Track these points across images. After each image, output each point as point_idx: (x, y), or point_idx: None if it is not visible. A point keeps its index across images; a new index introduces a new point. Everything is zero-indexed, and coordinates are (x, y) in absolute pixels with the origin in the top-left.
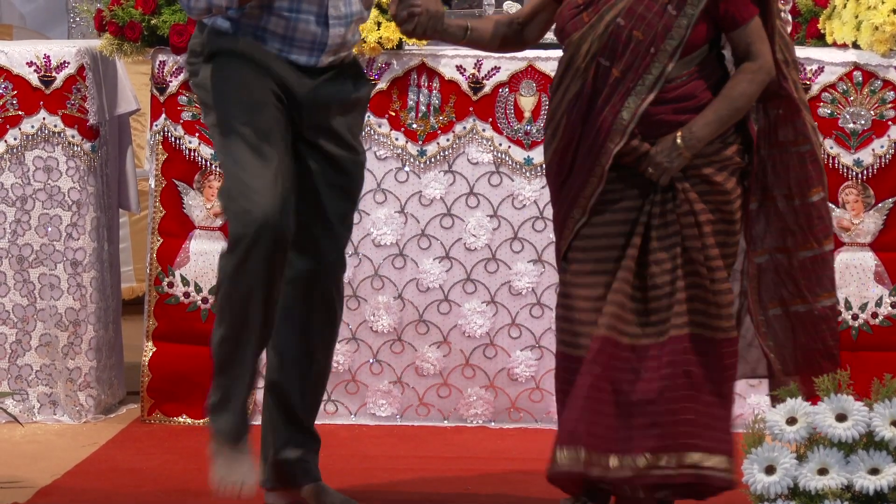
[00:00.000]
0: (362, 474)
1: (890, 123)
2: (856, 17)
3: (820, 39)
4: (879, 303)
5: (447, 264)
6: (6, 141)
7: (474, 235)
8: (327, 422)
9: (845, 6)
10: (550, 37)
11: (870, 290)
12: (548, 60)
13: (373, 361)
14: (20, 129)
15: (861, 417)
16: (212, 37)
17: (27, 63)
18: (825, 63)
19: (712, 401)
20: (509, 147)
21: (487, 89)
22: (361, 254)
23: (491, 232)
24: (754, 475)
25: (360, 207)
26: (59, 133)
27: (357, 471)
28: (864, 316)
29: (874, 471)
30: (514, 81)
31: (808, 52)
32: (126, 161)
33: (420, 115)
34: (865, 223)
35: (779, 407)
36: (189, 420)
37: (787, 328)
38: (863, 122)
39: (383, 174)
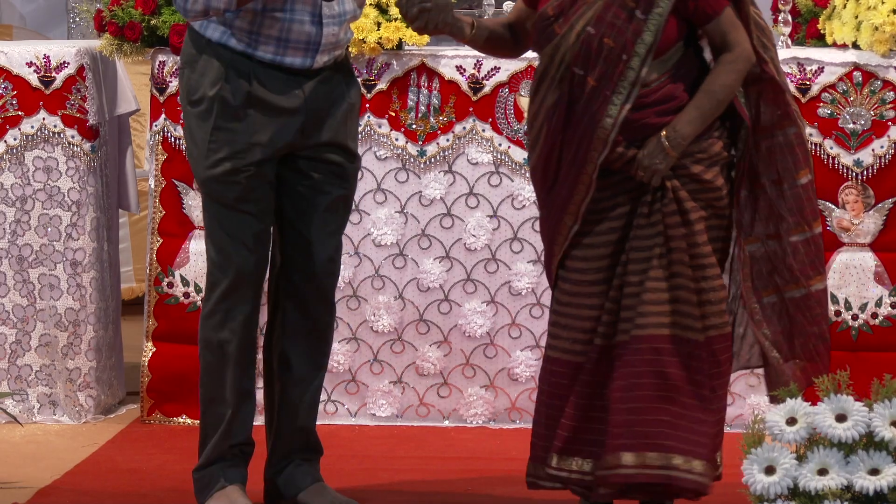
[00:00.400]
0: (362, 474)
1: (890, 124)
2: (856, 18)
3: (820, 40)
4: (879, 303)
5: (447, 264)
6: (6, 141)
7: (474, 235)
8: (327, 422)
9: (845, 6)
10: None
11: (869, 291)
12: None
13: (373, 361)
14: (20, 130)
15: (861, 418)
16: (196, 64)
17: (27, 63)
18: (825, 63)
19: (692, 403)
20: (509, 147)
21: (487, 89)
22: (362, 254)
23: (491, 232)
24: (754, 475)
25: (361, 207)
26: (59, 133)
27: (357, 471)
28: (864, 316)
29: (874, 471)
30: (514, 82)
31: (808, 53)
32: (126, 161)
33: (420, 116)
34: (865, 223)
35: (779, 407)
36: (189, 420)
37: (784, 314)
38: (863, 123)
39: (383, 174)
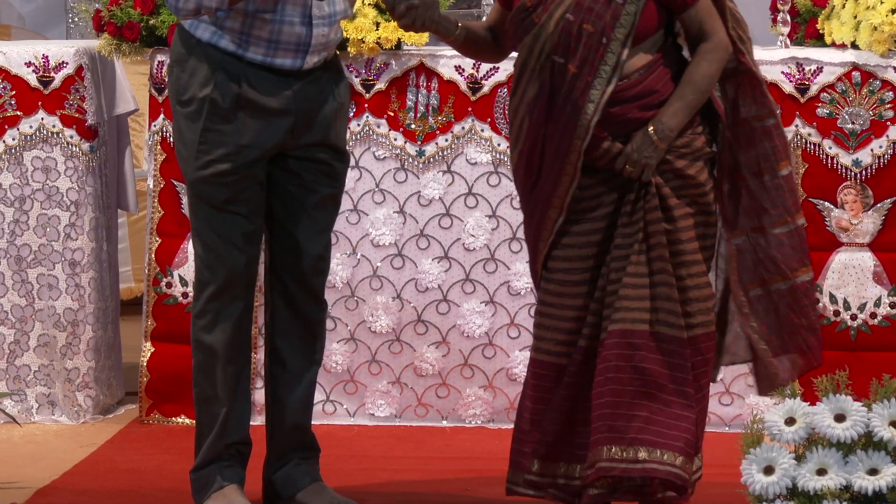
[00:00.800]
0: (361, 474)
1: (888, 124)
2: (854, 18)
3: (818, 40)
4: (878, 303)
5: (446, 264)
6: (4, 141)
7: (473, 235)
8: (326, 422)
9: (844, 6)
10: None
11: (868, 291)
12: None
13: (371, 362)
14: (18, 130)
15: (860, 418)
16: (186, 64)
17: (26, 63)
18: (824, 63)
19: (673, 400)
20: (508, 147)
21: (486, 89)
22: (360, 254)
23: (490, 232)
24: (753, 475)
25: (359, 207)
26: (58, 133)
27: (355, 471)
28: (863, 316)
29: (873, 471)
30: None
31: (807, 53)
32: (124, 161)
33: (419, 116)
34: (864, 223)
35: (777, 407)
36: (188, 420)
37: (770, 307)
38: (861, 123)
39: (382, 174)
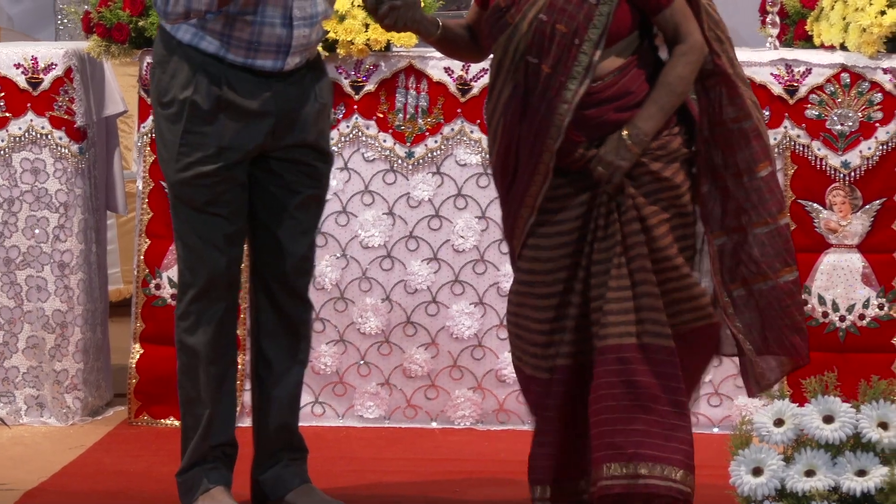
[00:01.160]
0: (350, 476)
1: (877, 125)
2: (843, 19)
3: (807, 41)
4: (867, 304)
5: (435, 266)
6: None
7: (462, 237)
8: (315, 424)
9: (833, 8)
10: None
11: (857, 292)
12: None
13: (360, 363)
14: (7, 131)
15: (848, 419)
16: (168, 65)
17: (14, 65)
18: (813, 65)
19: (667, 411)
20: None
21: (475, 91)
22: (349, 255)
23: (479, 233)
24: (742, 477)
25: (348, 209)
26: (47, 135)
27: (344, 473)
28: (852, 317)
29: (861, 472)
30: None
31: (796, 54)
32: (114, 163)
33: (408, 117)
34: (853, 225)
35: (766, 408)
36: (176, 422)
37: (753, 307)
38: (850, 124)
39: (371, 176)
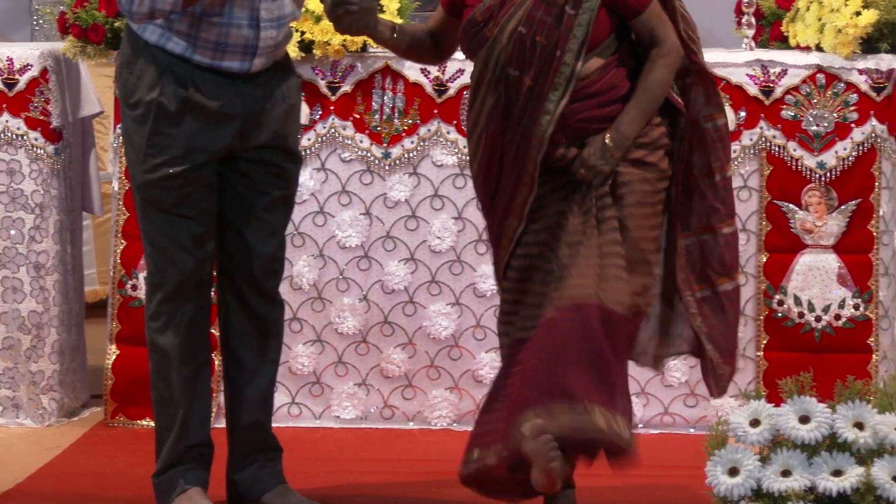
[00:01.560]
0: (326, 477)
1: (853, 126)
2: (819, 20)
3: (783, 42)
4: (842, 305)
5: (412, 266)
6: None
7: (439, 238)
8: (291, 424)
9: (808, 9)
10: None
11: (833, 293)
12: None
13: (337, 363)
14: None
15: (824, 419)
16: (134, 66)
17: None
18: (788, 65)
19: (618, 370)
20: None
21: (452, 92)
22: (326, 256)
23: (455, 234)
24: (718, 477)
25: (325, 209)
26: (22, 136)
27: (321, 473)
28: (827, 318)
29: (837, 472)
30: None
31: (772, 55)
32: (89, 164)
33: (384, 118)
34: (828, 225)
35: (742, 409)
36: (152, 424)
37: (719, 308)
38: (826, 125)
39: (348, 176)
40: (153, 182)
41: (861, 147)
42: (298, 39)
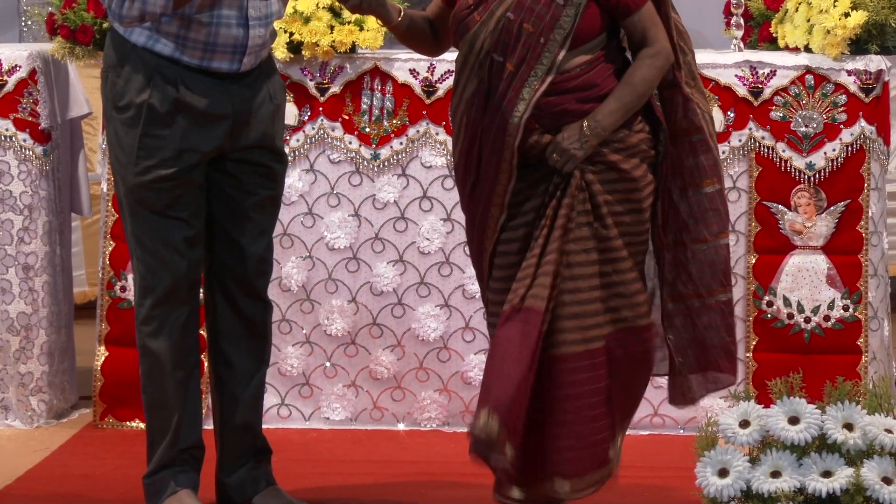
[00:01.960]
0: (316, 478)
1: (842, 127)
2: (808, 21)
3: (772, 43)
4: (832, 306)
5: (401, 268)
6: None
7: (428, 239)
8: (280, 426)
9: (797, 10)
10: None
11: (822, 294)
12: None
13: (326, 365)
14: None
15: (813, 420)
16: (122, 69)
17: None
18: (777, 66)
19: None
20: None
21: (441, 93)
22: (315, 257)
23: (444, 235)
24: (707, 478)
25: (314, 211)
26: (11, 137)
27: (311, 475)
28: (817, 319)
29: (826, 473)
30: None
31: (761, 56)
32: (78, 165)
33: (373, 119)
34: (818, 226)
35: (732, 410)
36: (142, 425)
37: (687, 324)
38: (815, 126)
39: (337, 178)
40: (145, 184)
41: (850, 148)
42: (287, 41)
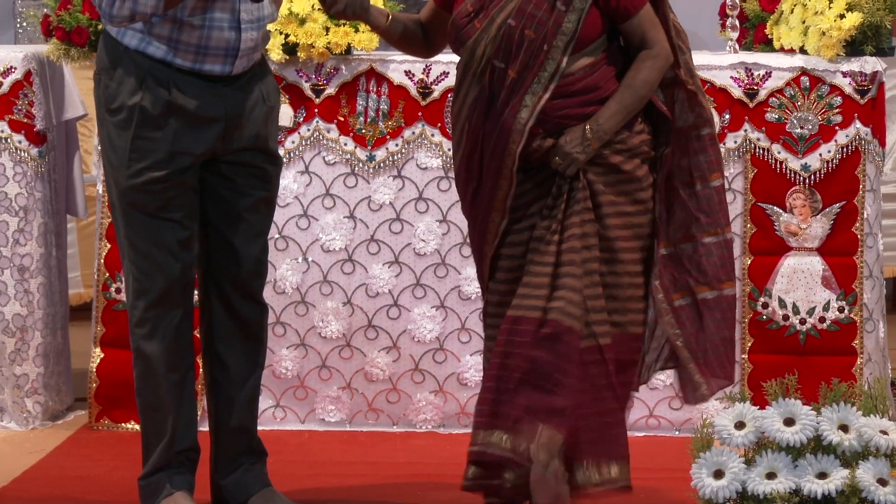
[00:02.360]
0: (311, 480)
1: (837, 128)
2: (803, 23)
3: (767, 45)
4: (827, 307)
5: (396, 269)
6: None
7: (423, 240)
8: (276, 427)
9: (792, 11)
10: None
11: (817, 295)
12: None
13: (322, 367)
14: None
15: (809, 422)
16: (114, 72)
17: None
18: (772, 68)
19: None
20: None
21: (436, 94)
22: (310, 259)
23: (440, 237)
24: (703, 480)
25: (309, 213)
26: (6, 139)
27: (306, 477)
28: (812, 320)
29: (822, 475)
30: None
31: (756, 58)
32: (73, 166)
33: (369, 121)
34: (813, 228)
35: (727, 411)
36: (137, 426)
37: (695, 317)
38: (810, 127)
39: (332, 179)
40: (138, 186)
41: (845, 149)
42: (283, 42)
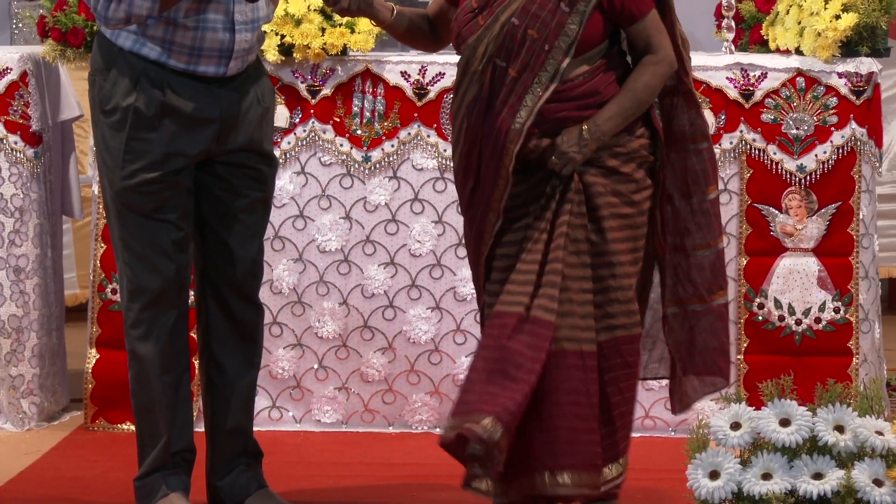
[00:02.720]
0: (307, 481)
1: (833, 129)
2: (798, 24)
3: (763, 45)
4: (823, 308)
5: (392, 270)
6: None
7: (419, 241)
8: (272, 428)
9: (788, 12)
10: None
11: (813, 296)
12: None
13: (317, 368)
14: None
15: (804, 422)
16: (109, 73)
17: None
18: (768, 69)
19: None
20: None
21: (432, 95)
22: (306, 260)
23: (436, 238)
24: (699, 480)
25: (305, 213)
26: (2, 139)
27: (302, 477)
28: (808, 321)
29: (817, 475)
30: None
31: (751, 58)
32: (69, 167)
33: (365, 121)
34: (808, 229)
35: (723, 412)
36: (132, 428)
37: (686, 327)
38: (806, 128)
39: (328, 180)
40: (132, 187)
41: (841, 150)
42: (278, 43)
